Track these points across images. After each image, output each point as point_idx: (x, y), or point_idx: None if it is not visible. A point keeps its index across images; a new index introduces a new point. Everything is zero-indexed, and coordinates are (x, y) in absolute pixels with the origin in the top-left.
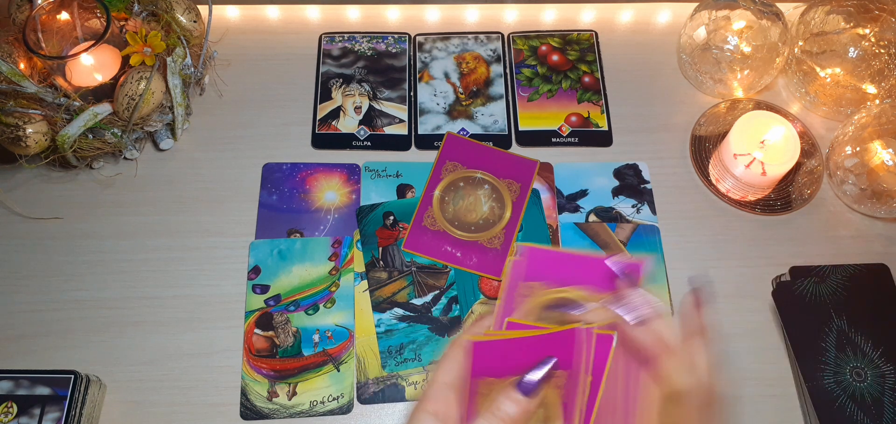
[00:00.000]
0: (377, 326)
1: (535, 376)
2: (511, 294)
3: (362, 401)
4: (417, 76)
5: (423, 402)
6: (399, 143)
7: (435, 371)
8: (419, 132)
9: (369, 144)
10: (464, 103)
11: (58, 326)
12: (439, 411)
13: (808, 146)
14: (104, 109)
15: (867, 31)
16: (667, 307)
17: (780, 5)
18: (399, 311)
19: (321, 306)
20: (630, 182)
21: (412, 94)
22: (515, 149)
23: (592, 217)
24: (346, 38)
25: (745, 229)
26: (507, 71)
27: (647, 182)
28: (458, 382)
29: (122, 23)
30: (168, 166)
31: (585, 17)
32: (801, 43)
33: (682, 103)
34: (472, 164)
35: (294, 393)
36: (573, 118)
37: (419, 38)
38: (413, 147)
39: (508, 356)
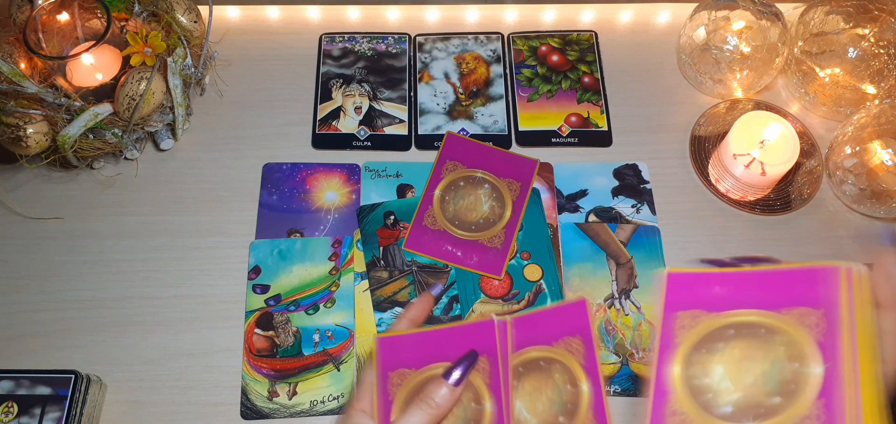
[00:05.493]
0: (378, 325)
1: (460, 369)
2: (382, 382)
3: None
4: (417, 76)
5: (354, 402)
6: (399, 143)
7: (362, 372)
8: (419, 132)
9: (369, 144)
10: (464, 104)
11: (58, 326)
12: (367, 408)
13: (808, 146)
14: (105, 109)
15: (867, 31)
16: None
17: (779, 5)
18: (400, 310)
19: (321, 305)
20: (630, 182)
21: (412, 94)
22: (515, 149)
23: (592, 217)
24: (346, 38)
25: (745, 230)
26: (507, 71)
27: (647, 182)
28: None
29: (122, 23)
30: (168, 166)
31: (585, 18)
32: (800, 43)
33: (682, 103)
34: (472, 163)
35: (294, 393)
36: (573, 118)
37: (419, 39)
38: (413, 147)
39: (419, 348)
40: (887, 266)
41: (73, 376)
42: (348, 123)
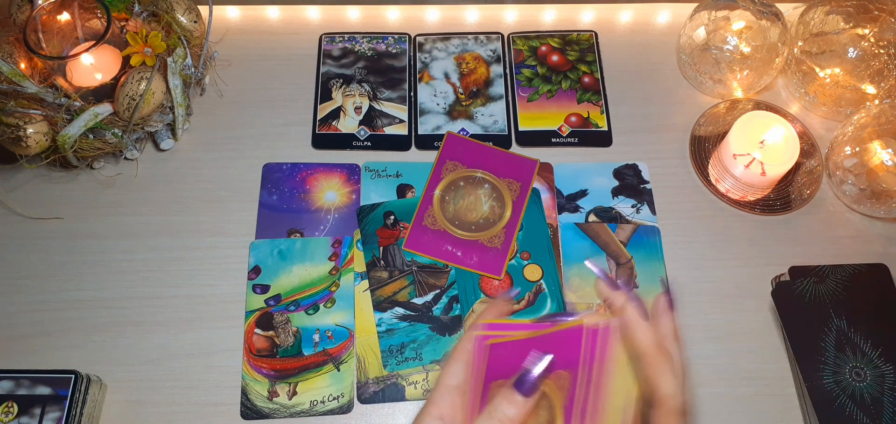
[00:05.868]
0: (378, 325)
1: (532, 374)
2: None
3: (362, 401)
4: (417, 76)
5: (429, 406)
6: (399, 143)
7: (441, 373)
8: (419, 132)
9: (369, 144)
10: (464, 104)
11: (58, 326)
12: (444, 414)
13: (808, 146)
14: (105, 109)
15: (866, 31)
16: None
17: (779, 5)
18: (400, 310)
19: (321, 305)
20: (630, 182)
21: (412, 94)
22: (515, 149)
23: (592, 217)
24: (346, 38)
25: (745, 230)
26: (507, 71)
27: (647, 182)
28: (463, 384)
29: (122, 23)
30: (168, 166)
31: (585, 18)
32: (800, 43)
33: (682, 103)
34: (472, 163)
35: (294, 393)
36: (573, 118)
37: (419, 39)
38: (413, 147)
39: (516, 357)
40: (624, 315)
41: (73, 376)
42: (348, 123)
